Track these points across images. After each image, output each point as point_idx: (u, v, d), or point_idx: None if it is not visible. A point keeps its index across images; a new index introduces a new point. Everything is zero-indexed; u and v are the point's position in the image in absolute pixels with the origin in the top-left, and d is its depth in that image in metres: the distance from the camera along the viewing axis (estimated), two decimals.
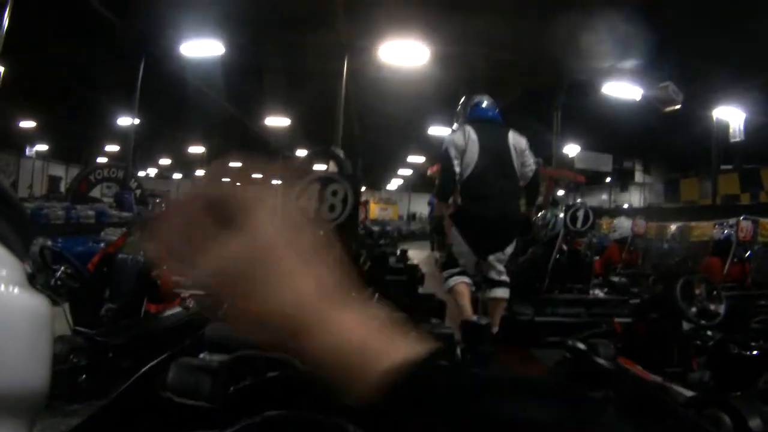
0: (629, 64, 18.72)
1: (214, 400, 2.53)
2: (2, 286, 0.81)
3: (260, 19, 18.43)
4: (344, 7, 17.26)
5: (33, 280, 5.11)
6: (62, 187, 45.80)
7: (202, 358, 3.23)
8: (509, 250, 7.58)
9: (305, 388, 2.65)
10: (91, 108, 31.54)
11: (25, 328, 0.82)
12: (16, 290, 0.83)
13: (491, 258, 7.37)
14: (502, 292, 7.49)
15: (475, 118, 7.58)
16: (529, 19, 17.66)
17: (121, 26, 19.15)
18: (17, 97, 26.27)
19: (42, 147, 44.76)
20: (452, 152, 7.09)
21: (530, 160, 7.54)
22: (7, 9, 5.30)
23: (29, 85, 25.12)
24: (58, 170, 50.63)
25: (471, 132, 7.19)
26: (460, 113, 7.92)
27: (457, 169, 7.08)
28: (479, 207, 7.12)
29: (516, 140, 7.42)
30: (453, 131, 7.63)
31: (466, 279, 7.31)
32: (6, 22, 5.28)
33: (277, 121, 30.63)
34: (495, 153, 7.21)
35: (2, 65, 19.34)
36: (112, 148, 42.88)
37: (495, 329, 7.07)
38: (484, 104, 7.78)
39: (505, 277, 7.51)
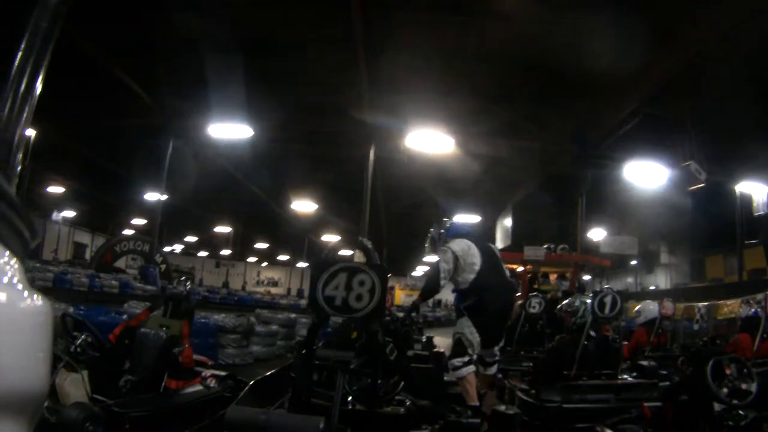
0: (652, 144, 18.74)
1: None
2: (2, 287, 0.78)
3: (288, 105, 18.68)
4: (370, 97, 17.49)
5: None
6: (87, 255, 46.15)
7: None
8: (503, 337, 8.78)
9: None
10: (120, 180, 32.02)
11: (25, 329, 0.81)
12: (16, 290, 0.80)
13: (495, 348, 8.40)
14: (495, 369, 8.70)
15: (459, 233, 8.43)
16: (551, 106, 17.76)
17: (151, 103, 19.43)
18: (48, 163, 26.66)
19: (69, 213, 45.22)
20: (443, 266, 7.82)
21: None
22: (40, 77, 5.38)
23: (60, 152, 25.63)
24: (83, 237, 51.13)
25: (467, 241, 8.08)
26: (437, 236, 8.58)
27: (443, 282, 7.86)
28: (491, 299, 7.91)
29: (495, 247, 8.79)
30: (439, 249, 8.27)
31: (474, 368, 7.75)
32: (38, 91, 5.37)
33: (303, 206, 30.65)
34: (491, 256, 8.18)
35: (36, 130, 19.70)
36: (139, 221, 43.27)
37: (484, 392, 8.32)
38: (460, 222, 9.14)
39: (498, 357, 8.66)
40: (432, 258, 10.02)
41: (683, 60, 14.41)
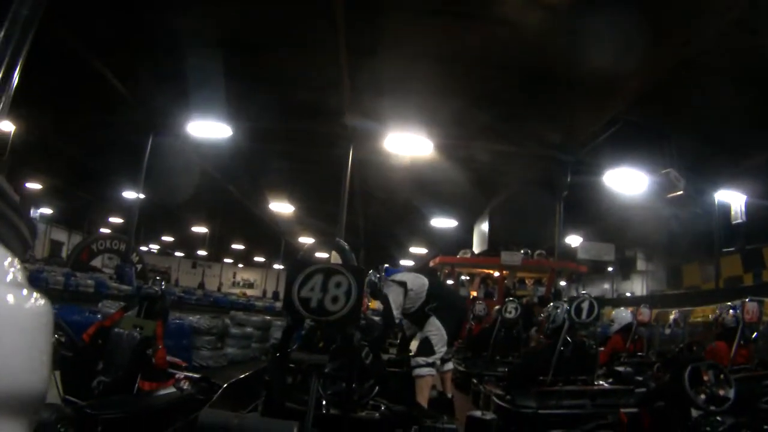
0: (631, 151, 18.79)
1: None
2: (3, 287, 0.78)
3: (268, 105, 18.60)
4: (351, 99, 17.46)
5: None
6: (64, 253, 45.84)
7: None
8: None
9: None
10: (99, 178, 31.83)
11: (26, 329, 0.81)
12: (16, 290, 0.80)
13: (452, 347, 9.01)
14: (451, 365, 9.44)
15: (396, 272, 9.34)
16: (532, 112, 17.78)
17: (132, 101, 19.30)
18: (26, 157, 26.34)
19: (46, 210, 44.60)
20: (393, 298, 8.25)
21: None
22: (18, 68, 5.34)
23: (39, 146, 25.31)
24: (60, 235, 50.65)
25: (408, 273, 8.96)
26: (376, 279, 8.61)
27: (396, 314, 8.23)
28: (451, 302, 8.82)
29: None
30: (384, 287, 8.54)
31: (434, 372, 8.03)
32: (16, 83, 5.32)
33: (280, 207, 30.56)
34: (438, 278, 9.65)
35: (15, 125, 19.54)
36: (116, 219, 42.99)
37: (450, 394, 8.91)
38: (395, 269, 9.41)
39: (451, 355, 9.56)
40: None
41: (664, 69, 14.49)
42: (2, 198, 0.91)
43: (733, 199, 21.49)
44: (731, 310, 11.38)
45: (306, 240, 39.29)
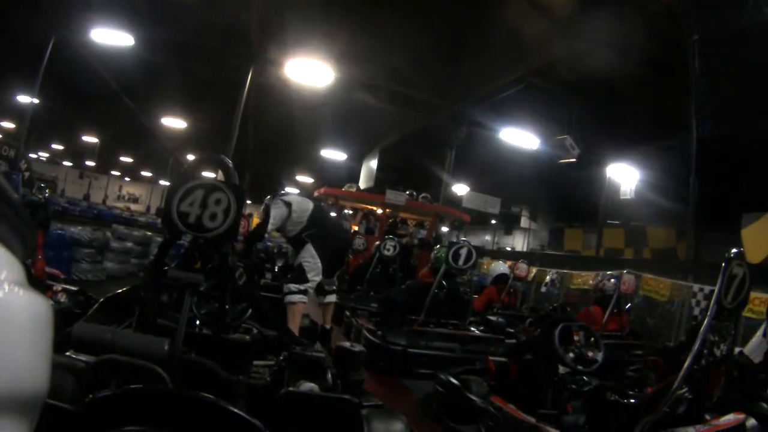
0: (531, 113, 19.03)
1: (76, 402, 2.44)
2: (3, 287, 0.78)
3: (172, 17, 18.13)
4: (257, 20, 17.13)
5: None
6: None
7: (67, 356, 3.11)
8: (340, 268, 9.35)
9: (168, 404, 2.58)
10: None
11: (25, 329, 0.80)
12: (16, 291, 0.80)
13: (333, 277, 8.80)
14: (333, 298, 8.96)
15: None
16: (435, 61, 17.82)
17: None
18: None
19: None
20: (274, 213, 8.22)
21: None
22: None
23: None
24: None
25: (298, 196, 8.82)
26: (270, 199, 8.68)
27: (270, 228, 8.38)
28: (331, 231, 8.55)
29: None
30: (275, 205, 8.49)
31: (305, 299, 7.82)
32: None
33: (173, 122, 29.99)
34: (323, 208, 9.07)
35: None
36: (6, 124, 41.37)
37: (329, 326, 8.78)
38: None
39: (334, 287, 9.00)
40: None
41: (573, 41, 14.68)
42: (2, 198, 0.93)
43: (625, 176, 22.09)
44: (612, 279, 11.89)
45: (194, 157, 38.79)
